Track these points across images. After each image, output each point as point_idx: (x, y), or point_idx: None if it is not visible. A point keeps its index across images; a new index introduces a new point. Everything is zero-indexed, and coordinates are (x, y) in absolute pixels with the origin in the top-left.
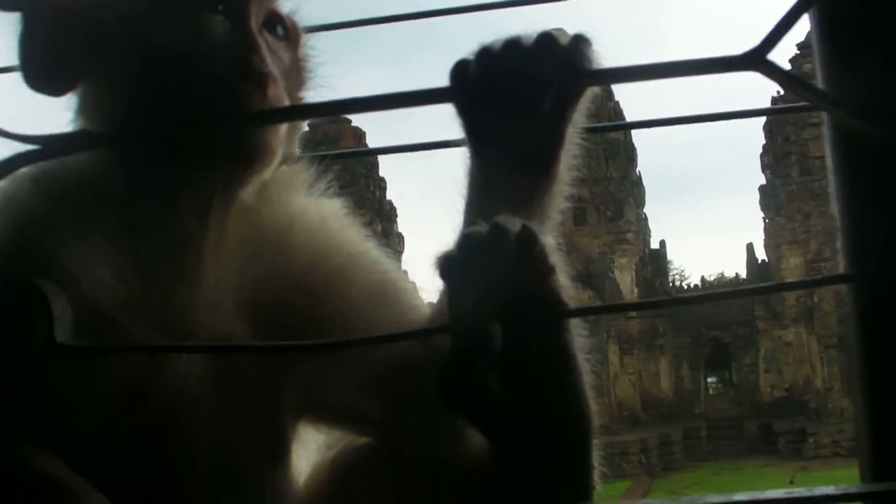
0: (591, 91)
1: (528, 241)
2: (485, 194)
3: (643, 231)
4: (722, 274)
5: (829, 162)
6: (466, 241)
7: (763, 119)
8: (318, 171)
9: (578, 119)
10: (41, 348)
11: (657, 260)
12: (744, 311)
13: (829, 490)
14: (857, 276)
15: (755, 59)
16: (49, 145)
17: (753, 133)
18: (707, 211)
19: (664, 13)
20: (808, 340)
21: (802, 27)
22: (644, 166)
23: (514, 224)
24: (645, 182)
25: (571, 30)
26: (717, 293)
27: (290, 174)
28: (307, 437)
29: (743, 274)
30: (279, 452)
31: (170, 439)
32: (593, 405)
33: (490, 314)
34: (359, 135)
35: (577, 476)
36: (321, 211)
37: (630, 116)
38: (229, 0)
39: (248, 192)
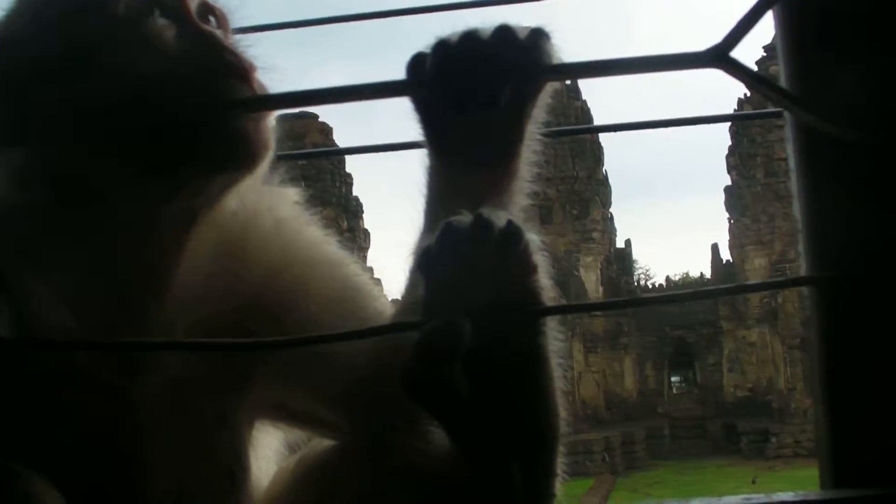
0: (552, 87)
1: (513, 236)
2: (445, 192)
3: (609, 230)
4: (687, 274)
5: (791, 162)
6: (447, 232)
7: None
8: (271, 165)
9: (538, 114)
10: None
11: (622, 259)
12: (708, 312)
13: (787, 497)
14: (818, 279)
15: (718, 57)
16: None
17: (720, 134)
18: (673, 211)
19: (629, 10)
20: (771, 341)
21: (768, 27)
22: (611, 165)
23: (498, 217)
24: (611, 181)
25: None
26: (683, 293)
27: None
28: (266, 440)
29: (708, 274)
30: (233, 472)
31: (124, 468)
32: (562, 412)
33: (464, 309)
34: (325, 131)
35: (537, 482)
36: (275, 213)
37: (598, 114)
38: (163, 2)
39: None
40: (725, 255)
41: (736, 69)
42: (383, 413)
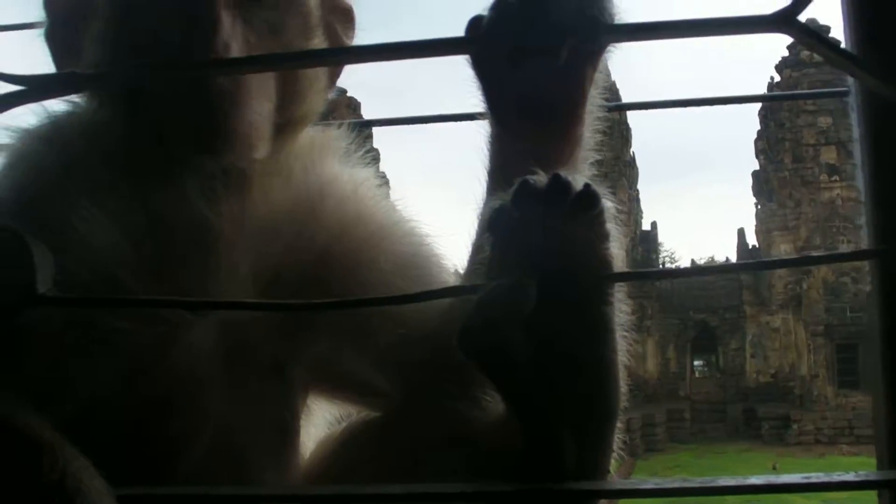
0: (612, 51)
1: (590, 200)
2: (506, 161)
3: (635, 212)
4: (712, 258)
5: (856, 132)
6: (522, 190)
7: (759, 103)
8: (353, 139)
9: (600, 79)
10: (20, 298)
11: (648, 241)
12: (731, 296)
13: (848, 477)
14: (882, 252)
15: (785, 20)
16: (34, 86)
17: (749, 118)
18: (699, 194)
19: None
20: (795, 327)
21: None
22: (638, 146)
23: (576, 180)
24: (638, 162)
25: None
26: (748, 263)
27: (323, 140)
28: (316, 410)
29: (733, 258)
30: (286, 427)
31: (174, 411)
32: (623, 386)
33: (530, 271)
34: (353, 105)
35: (590, 456)
36: (353, 179)
37: (627, 94)
38: None
39: (264, 166)
40: (751, 240)
41: (804, 33)
42: (439, 380)
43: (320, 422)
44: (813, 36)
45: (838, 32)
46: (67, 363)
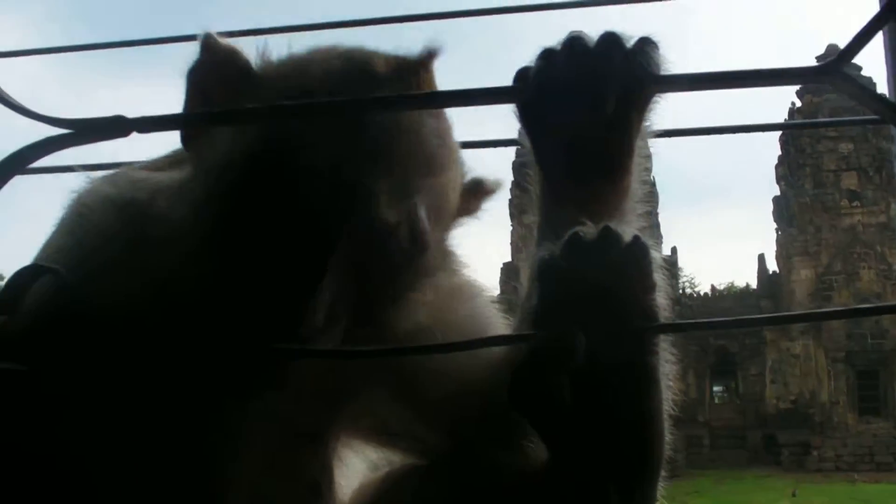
0: (661, 100)
1: (639, 252)
2: (553, 212)
3: (655, 237)
4: (732, 283)
5: None
6: (573, 241)
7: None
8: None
9: (647, 130)
10: None
11: (668, 266)
12: None
13: None
14: None
15: (832, 71)
16: (81, 129)
17: (769, 143)
18: (720, 219)
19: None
20: (815, 353)
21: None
22: (658, 171)
23: (626, 232)
24: (658, 187)
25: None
26: (792, 315)
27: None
28: (351, 458)
29: (753, 284)
30: (320, 491)
31: (210, 480)
32: (668, 436)
33: (579, 321)
34: None
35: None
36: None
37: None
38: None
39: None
40: (771, 265)
41: (850, 83)
42: (485, 430)
43: (355, 470)
44: (858, 87)
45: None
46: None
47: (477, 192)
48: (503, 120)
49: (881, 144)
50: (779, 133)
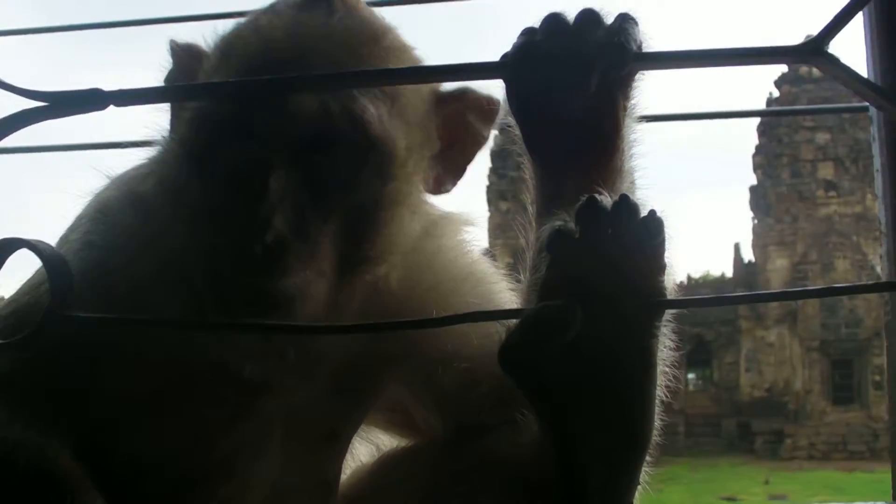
0: (646, 79)
1: (654, 228)
2: (544, 195)
3: None
4: (708, 273)
5: (877, 162)
6: (589, 208)
7: (757, 118)
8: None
9: (634, 107)
10: (43, 320)
11: None
12: (727, 310)
13: None
14: None
15: (814, 51)
16: (56, 102)
17: (746, 132)
18: (695, 208)
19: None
20: (790, 342)
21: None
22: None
23: (643, 206)
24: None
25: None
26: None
27: (451, 249)
28: (361, 448)
29: (729, 273)
30: (330, 486)
31: (228, 475)
32: (657, 421)
33: (581, 295)
34: None
35: (616, 488)
36: (436, 242)
37: None
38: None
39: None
40: (747, 255)
41: (832, 64)
42: (482, 408)
43: (364, 452)
44: (841, 67)
45: (860, 66)
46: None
47: (468, 107)
48: None
49: (858, 135)
50: (756, 122)
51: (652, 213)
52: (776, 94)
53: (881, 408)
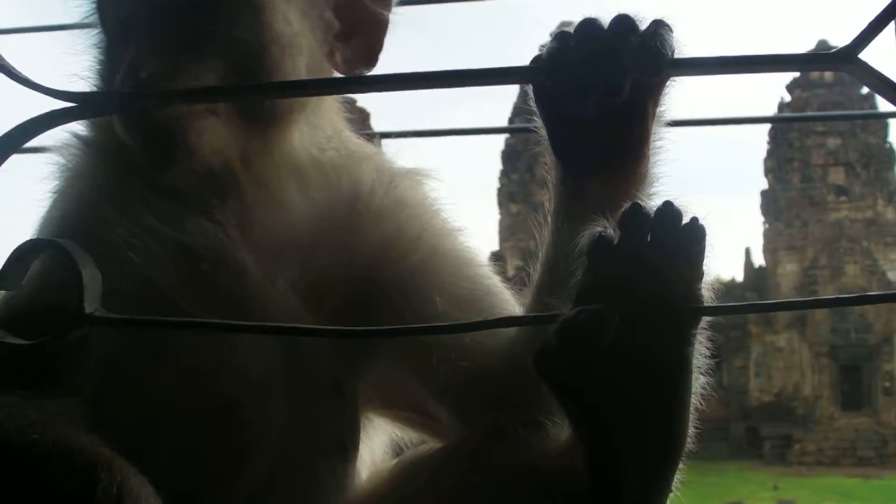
0: (677, 85)
1: (695, 236)
2: (569, 200)
3: None
4: (718, 276)
5: None
6: (632, 215)
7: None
8: (395, 146)
9: (663, 114)
10: (70, 319)
11: None
12: (736, 314)
13: None
14: None
15: (847, 58)
16: (85, 103)
17: (758, 137)
18: (706, 212)
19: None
20: (799, 347)
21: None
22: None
23: (686, 213)
24: None
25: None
26: (833, 299)
27: (358, 148)
28: (376, 430)
29: (739, 278)
30: (345, 443)
31: (231, 424)
32: (691, 429)
33: (619, 301)
34: (364, 116)
35: (650, 493)
36: (395, 194)
37: None
38: None
39: (264, 171)
40: (758, 259)
41: (865, 72)
42: (501, 409)
43: (381, 441)
44: (875, 74)
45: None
46: (126, 371)
47: None
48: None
49: (869, 140)
50: (768, 126)
51: (694, 219)
52: (787, 98)
53: (890, 413)
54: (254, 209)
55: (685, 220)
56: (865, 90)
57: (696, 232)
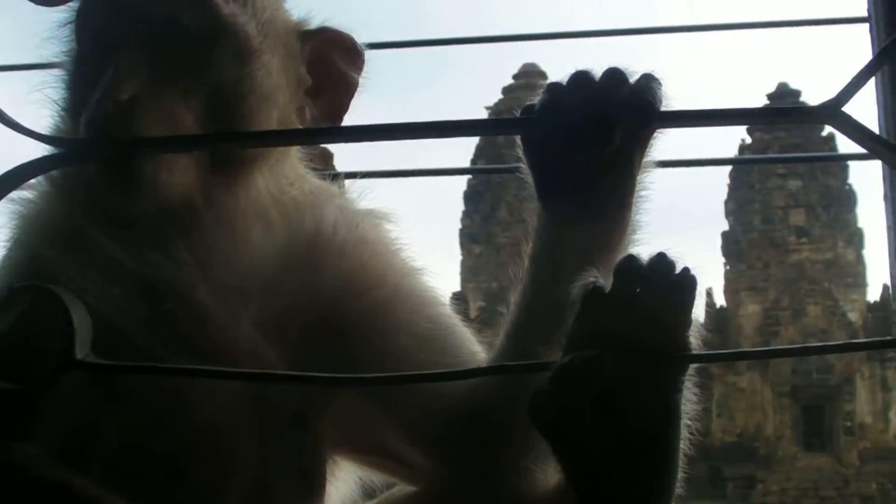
0: (662, 136)
1: (686, 286)
2: (553, 246)
3: None
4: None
5: (889, 219)
6: (627, 269)
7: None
8: (357, 188)
9: (648, 165)
10: (59, 363)
11: None
12: None
13: None
14: None
15: (831, 113)
16: (73, 149)
17: (718, 178)
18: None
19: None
20: (761, 388)
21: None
22: None
23: (679, 262)
24: None
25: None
26: (816, 346)
27: (320, 188)
28: (344, 473)
29: (700, 318)
30: (313, 480)
31: (199, 462)
32: (680, 473)
33: (611, 348)
34: (326, 156)
35: None
36: (357, 232)
37: None
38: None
39: (228, 210)
40: (719, 300)
41: (847, 126)
42: (478, 454)
43: (351, 485)
44: (858, 128)
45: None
46: (95, 416)
47: (330, 44)
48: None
49: (829, 182)
50: (728, 168)
51: (685, 270)
52: (748, 140)
53: (852, 454)
54: (215, 248)
55: (677, 270)
56: (825, 132)
57: (687, 282)
